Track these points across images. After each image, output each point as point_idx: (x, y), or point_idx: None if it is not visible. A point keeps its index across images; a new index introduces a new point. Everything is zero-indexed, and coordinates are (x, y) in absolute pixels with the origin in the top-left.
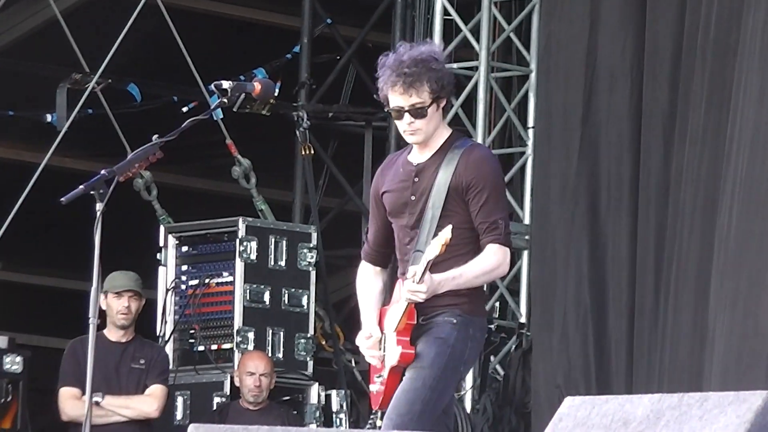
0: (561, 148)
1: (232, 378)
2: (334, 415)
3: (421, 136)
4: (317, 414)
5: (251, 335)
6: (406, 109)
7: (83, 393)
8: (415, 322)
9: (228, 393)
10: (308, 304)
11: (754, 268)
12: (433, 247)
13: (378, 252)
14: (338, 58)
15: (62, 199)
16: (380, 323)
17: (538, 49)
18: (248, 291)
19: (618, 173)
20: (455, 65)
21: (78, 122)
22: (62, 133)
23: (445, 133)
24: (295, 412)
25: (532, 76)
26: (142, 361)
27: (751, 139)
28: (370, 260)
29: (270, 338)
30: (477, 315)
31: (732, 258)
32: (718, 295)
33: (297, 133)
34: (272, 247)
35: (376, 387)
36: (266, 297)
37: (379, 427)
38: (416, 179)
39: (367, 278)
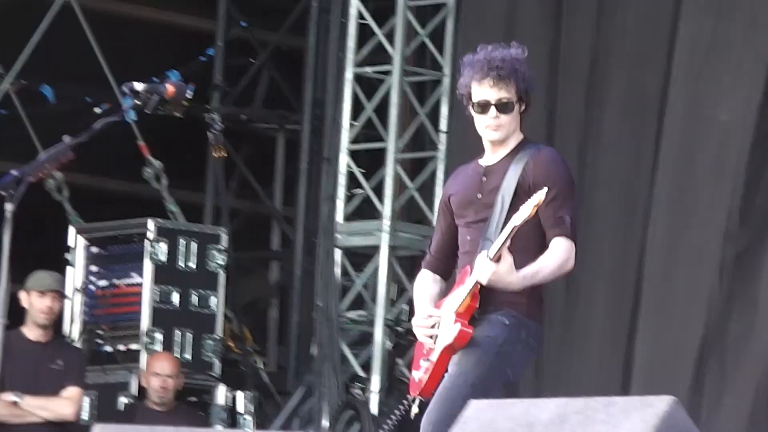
0: (475, 153)
1: (139, 378)
2: (240, 417)
3: (503, 132)
4: (224, 415)
5: (159, 336)
6: (493, 102)
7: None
8: (478, 306)
9: (135, 393)
10: (217, 305)
11: (681, 275)
12: (524, 211)
13: (438, 260)
14: (252, 61)
15: None
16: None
17: (452, 54)
18: (157, 292)
19: None
20: (369, 69)
21: None
22: None
23: (520, 137)
24: (202, 413)
25: (446, 80)
26: (60, 362)
27: (678, 147)
28: (429, 267)
29: (178, 339)
30: (532, 319)
31: (657, 264)
32: (644, 302)
33: (209, 135)
34: (182, 248)
35: (419, 374)
36: (175, 298)
37: (416, 414)
38: (484, 179)
39: (425, 282)
